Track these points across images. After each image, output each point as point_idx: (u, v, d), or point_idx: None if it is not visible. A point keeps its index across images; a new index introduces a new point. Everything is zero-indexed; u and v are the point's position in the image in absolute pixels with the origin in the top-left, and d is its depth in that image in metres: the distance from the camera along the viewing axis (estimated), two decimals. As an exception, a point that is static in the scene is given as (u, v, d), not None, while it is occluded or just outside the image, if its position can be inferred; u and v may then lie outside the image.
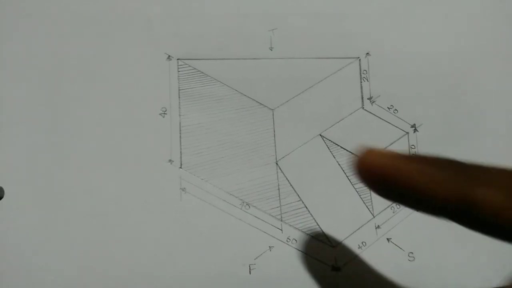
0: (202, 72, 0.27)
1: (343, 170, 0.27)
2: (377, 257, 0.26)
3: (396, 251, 0.26)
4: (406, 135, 0.28)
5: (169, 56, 0.27)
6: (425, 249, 0.26)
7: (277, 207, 0.26)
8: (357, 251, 0.26)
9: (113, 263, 0.24)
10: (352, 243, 0.26)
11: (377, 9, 0.29)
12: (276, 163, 0.27)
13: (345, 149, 0.28)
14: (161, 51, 0.27)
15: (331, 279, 0.26)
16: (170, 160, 0.26)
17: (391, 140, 0.28)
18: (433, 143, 0.28)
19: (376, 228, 0.27)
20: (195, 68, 0.27)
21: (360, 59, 0.28)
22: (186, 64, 0.27)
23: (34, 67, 0.25)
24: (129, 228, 0.25)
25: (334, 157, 0.27)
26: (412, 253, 0.26)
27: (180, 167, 0.26)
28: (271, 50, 0.28)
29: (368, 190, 0.27)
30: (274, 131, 0.27)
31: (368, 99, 0.28)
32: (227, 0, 0.28)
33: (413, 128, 0.28)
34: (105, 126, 0.26)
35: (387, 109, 0.28)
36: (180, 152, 0.26)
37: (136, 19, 0.27)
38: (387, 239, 0.27)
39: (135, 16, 0.27)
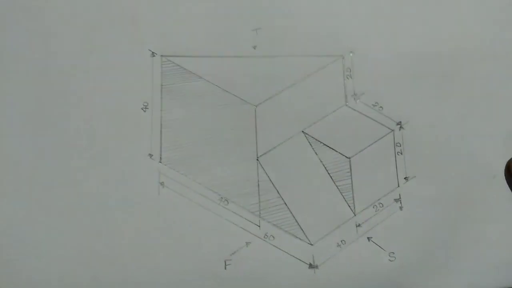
0: (185, 69, 0.27)
1: (325, 168, 0.27)
2: (357, 256, 0.25)
3: (377, 250, 0.25)
4: (392, 133, 0.28)
5: (153, 53, 0.27)
6: (407, 249, 0.25)
7: (256, 203, 0.26)
8: (335, 249, 0.25)
9: (90, 256, 0.24)
10: (331, 241, 0.26)
11: (361, 8, 0.29)
12: (257, 160, 0.27)
13: (328, 146, 0.27)
14: (145, 48, 0.27)
15: (308, 277, 0.25)
16: (150, 154, 0.26)
17: (376, 137, 0.28)
18: (419, 141, 0.27)
19: (356, 226, 0.26)
20: (178, 65, 0.27)
21: (343, 57, 0.28)
22: (170, 61, 0.27)
23: (19, 62, 0.26)
24: (107, 221, 0.25)
25: (317, 154, 0.27)
26: (393, 253, 0.25)
27: (160, 161, 0.26)
28: (255, 48, 0.28)
29: (350, 188, 0.27)
30: (256, 128, 0.27)
31: (352, 96, 0.28)
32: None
33: (399, 126, 0.28)
34: (86, 119, 0.26)
35: (372, 106, 0.28)
36: (160, 146, 0.26)
37: (121, 17, 0.27)
38: (368, 238, 0.26)
39: (120, 14, 0.27)
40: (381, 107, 0.28)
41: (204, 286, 0.24)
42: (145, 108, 0.27)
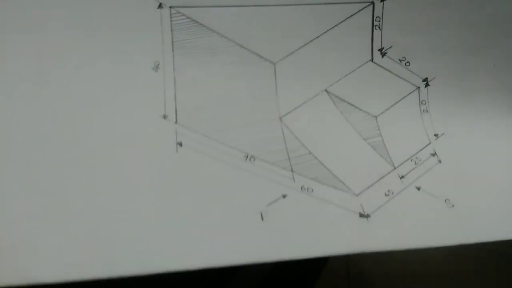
0: (197, 22, 0.24)
1: (352, 126, 0.26)
2: (409, 204, 0.25)
3: (430, 198, 0.25)
4: (417, 90, 0.26)
5: (160, 3, 0.24)
6: (463, 196, 0.26)
7: (286, 159, 0.25)
8: (384, 198, 0.25)
9: (108, 218, 0.23)
10: (377, 192, 0.25)
11: None
12: (280, 119, 0.26)
13: (352, 105, 0.26)
14: None
15: (360, 226, 0.25)
16: (164, 116, 0.24)
17: (401, 95, 0.26)
18: (445, 98, 0.26)
19: (400, 178, 0.26)
20: (189, 17, 0.24)
21: (374, 3, 0.26)
22: (180, 13, 0.24)
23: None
24: (124, 183, 0.24)
25: (342, 113, 0.26)
26: (448, 199, 0.26)
27: (176, 122, 0.25)
28: (273, -8, 0.25)
29: (382, 145, 0.26)
30: (276, 86, 0.25)
31: (378, 50, 0.26)
32: None
33: (425, 82, 0.26)
34: (94, 82, 0.24)
35: (399, 62, 0.26)
36: (175, 107, 0.25)
37: None
38: (417, 187, 0.26)
39: None
40: (408, 62, 0.26)
41: (240, 240, 0.24)
42: (157, 68, 0.24)
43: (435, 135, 0.26)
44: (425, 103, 0.26)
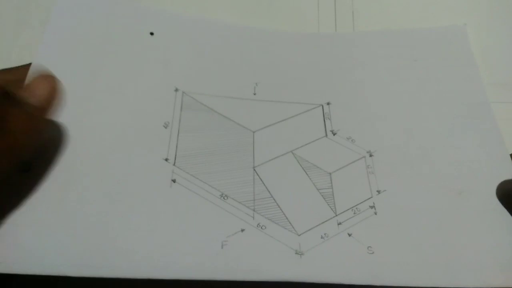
0: (201, 102, 0.35)
1: (310, 179, 0.32)
2: (338, 247, 0.29)
3: (356, 244, 0.29)
4: (363, 158, 0.34)
5: (177, 88, 0.36)
6: (384, 245, 0.29)
7: (251, 200, 0.31)
8: (319, 240, 0.29)
9: (113, 223, 0.28)
10: (315, 234, 0.29)
11: (335, 70, 0.39)
12: (253, 168, 0.32)
13: (312, 163, 0.33)
14: (172, 85, 0.36)
15: (294, 262, 0.28)
16: (166, 159, 0.32)
17: (350, 160, 0.34)
18: (388, 165, 0.33)
19: (338, 224, 0.30)
20: (195, 99, 0.35)
21: (322, 106, 0.37)
22: (189, 96, 0.35)
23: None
24: (126, 206, 0.29)
25: (302, 168, 0.33)
26: (370, 247, 0.29)
27: (174, 164, 0.32)
28: (255, 94, 0.37)
29: (331, 195, 0.32)
30: (254, 147, 0.34)
31: (330, 131, 0.35)
32: (223, 58, 0.38)
33: (369, 153, 0.34)
34: (117, 132, 0.32)
35: (346, 139, 0.35)
36: (175, 154, 0.32)
37: (155, 61, 0.36)
38: (348, 234, 0.30)
39: (154, 58, 0.37)
40: (353, 140, 0.35)
41: (204, 261, 0.28)
42: (166, 125, 0.33)
43: (377, 191, 0.32)
44: (371, 167, 0.33)
